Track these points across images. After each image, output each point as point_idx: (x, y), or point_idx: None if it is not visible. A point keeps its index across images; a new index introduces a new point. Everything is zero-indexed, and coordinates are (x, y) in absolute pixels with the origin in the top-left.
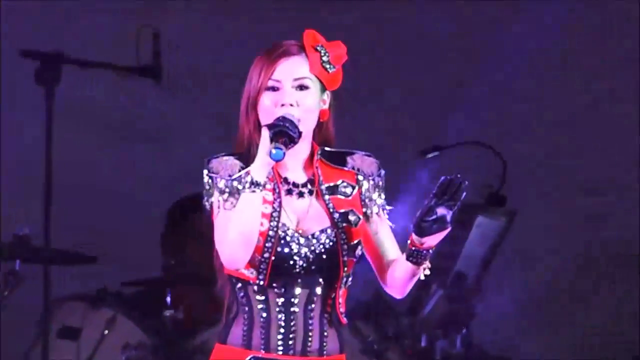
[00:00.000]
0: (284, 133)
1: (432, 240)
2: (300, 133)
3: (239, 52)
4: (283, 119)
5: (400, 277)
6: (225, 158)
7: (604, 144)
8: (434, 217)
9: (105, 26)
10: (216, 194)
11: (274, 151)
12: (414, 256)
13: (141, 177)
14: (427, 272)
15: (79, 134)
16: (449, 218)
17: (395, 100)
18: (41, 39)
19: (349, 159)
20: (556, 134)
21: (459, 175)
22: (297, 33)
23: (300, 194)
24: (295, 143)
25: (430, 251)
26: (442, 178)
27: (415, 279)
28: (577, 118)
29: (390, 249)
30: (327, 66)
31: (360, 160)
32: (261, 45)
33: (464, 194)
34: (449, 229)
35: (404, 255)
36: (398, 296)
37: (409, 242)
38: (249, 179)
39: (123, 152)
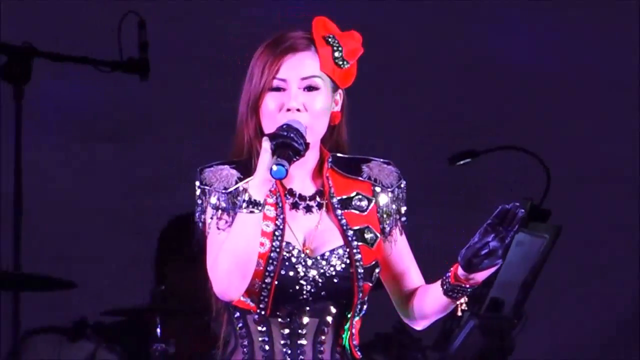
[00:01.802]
0: (288, 145)
1: (480, 277)
2: (307, 144)
3: (238, 40)
4: (287, 127)
5: (430, 311)
6: (220, 167)
7: None
8: (486, 251)
9: (83, 13)
10: (209, 210)
11: (274, 168)
12: (456, 292)
13: (127, 188)
14: (465, 307)
15: (52, 141)
16: (500, 252)
17: (418, 98)
18: (8, 31)
19: (364, 167)
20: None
21: (517, 204)
22: (301, 19)
23: (308, 208)
24: (301, 156)
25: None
26: (500, 207)
27: (445, 313)
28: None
29: (412, 273)
30: (340, 62)
31: (378, 169)
32: (265, 31)
33: (518, 225)
34: (499, 265)
35: (439, 288)
36: (419, 328)
37: (449, 275)
38: (246, 197)
39: (104, 160)
